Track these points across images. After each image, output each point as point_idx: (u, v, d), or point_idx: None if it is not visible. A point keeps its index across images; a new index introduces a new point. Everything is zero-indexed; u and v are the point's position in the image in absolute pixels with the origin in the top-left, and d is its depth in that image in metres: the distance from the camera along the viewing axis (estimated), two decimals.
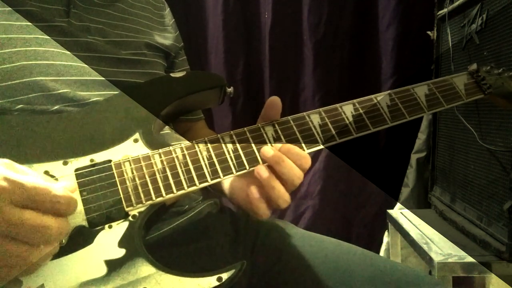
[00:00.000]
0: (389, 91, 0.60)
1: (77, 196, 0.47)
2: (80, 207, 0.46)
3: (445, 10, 1.11)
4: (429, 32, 1.23)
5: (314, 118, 0.57)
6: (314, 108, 0.58)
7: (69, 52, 0.61)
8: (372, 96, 0.60)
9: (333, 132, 0.56)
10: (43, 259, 0.42)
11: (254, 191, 0.52)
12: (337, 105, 0.58)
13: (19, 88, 0.56)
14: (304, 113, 0.57)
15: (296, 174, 0.52)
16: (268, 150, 0.52)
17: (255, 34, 1.53)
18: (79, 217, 0.46)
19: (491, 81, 0.67)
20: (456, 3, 1.07)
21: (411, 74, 1.34)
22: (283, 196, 0.52)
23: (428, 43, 1.24)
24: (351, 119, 0.57)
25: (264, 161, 0.53)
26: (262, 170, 0.51)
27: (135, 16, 0.73)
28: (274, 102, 0.56)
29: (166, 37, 0.78)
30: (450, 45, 1.10)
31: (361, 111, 0.58)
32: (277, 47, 1.48)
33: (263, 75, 1.53)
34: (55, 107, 0.57)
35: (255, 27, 1.53)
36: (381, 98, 0.59)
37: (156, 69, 0.72)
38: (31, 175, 0.42)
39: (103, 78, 0.62)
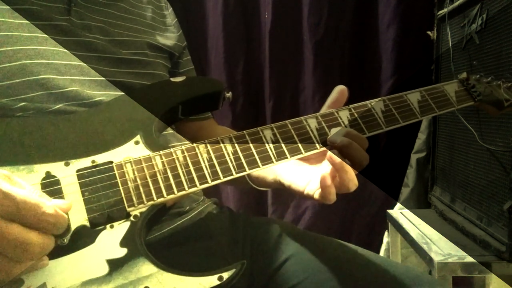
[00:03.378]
0: (383, 97, 0.62)
1: (78, 196, 0.47)
2: (81, 207, 0.47)
3: (445, 10, 1.12)
4: (429, 32, 1.23)
5: (311, 122, 0.57)
6: (314, 108, 0.59)
7: (69, 51, 0.61)
8: (367, 102, 0.61)
9: (330, 135, 0.57)
10: (27, 270, 0.42)
11: (326, 178, 0.54)
12: (333, 110, 0.59)
13: (20, 87, 0.56)
14: (302, 117, 0.58)
15: (363, 156, 0.54)
16: (335, 137, 0.55)
17: (255, 34, 1.53)
18: (80, 217, 0.46)
19: (481, 89, 0.69)
20: (456, 3, 1.07)
21: (411, 74, 1.34)
22: (353, 179, 0.55)
23: (428, 43, 1.24)
24: (346, 123, 0.58)
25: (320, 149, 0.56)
26: (334, 155, 0.53)
27: (137, 16, 0.73)
28: (344, 90, 0.60)
29: (169, 37, 0.78)
30: (450, 45, 1.10)
31: (356, 116, 0.59)
32: (277, 47, 1.48)
33: (263, 75, 1.53)
34: (57, 106, 0.57)
35: (255, 27, 1.53)
36: (375, 103, 0.60)
37: (158, 70, 0.72)
38: (26, 190, 0.41)
39: (104, 78, 0.62)
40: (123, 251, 0.46)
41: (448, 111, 0.65)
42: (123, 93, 0.60)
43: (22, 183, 0.42)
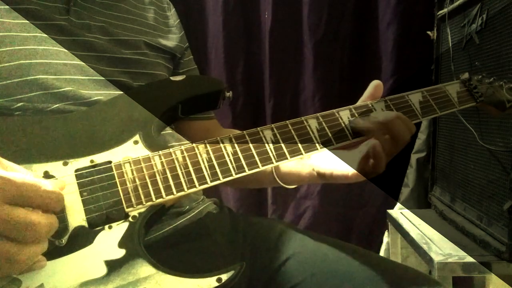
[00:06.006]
0: (384, 98, 0.61)
1: (77, 196, 0.47)
2: (80, 208, 0.46)
3: (445, 10, 1.12)
4: (429, 32, 1.23)
5: (312, 122, 0.57)
6: (314, 108, 0.59)
7: (68, 51, 0.61)
8: (368, 102, 0.60)
9: (330, 136, 0.57)
10: (33, 259, 0.41)
11: (377, 145, 0.54)
12: (334, 110, 0.59)
13: (18, 86, 0.56)
14: (302, 118, 0.57)
15: (408, 128, 0.56)
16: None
17: (255, 34, 1.53)
18: (79, 218, 0.46)
19: (483, 89, 0.69)
20: (456, 3, 1.07)
21: (411, 74, 1.34)
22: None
23: (428, 43, 1.24)
24: (347, 124, 0.58)
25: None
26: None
27: (138, 16, 0.73)
28: (380, 85, 0.61)
29: (170, 38, 0.77)
30: (450, 45, 1.10)
31: (357, 116, 0.58)
32: (277, 47, 1.48)
33: (263, 75, 1.53)
34: (55, 106, 0.57)
35: (255, 27, 1.52)
36: (376, 104, 0.60)
37: (158, 70, 0.72)
38: (20, 172, 0.41)
39: (103, 78, 0.62)
40: (121, 252, 0.46)
41: (449, 112, 0.65)
42: (121, 92, 0.60)
43: (12, 165, 0.42)
